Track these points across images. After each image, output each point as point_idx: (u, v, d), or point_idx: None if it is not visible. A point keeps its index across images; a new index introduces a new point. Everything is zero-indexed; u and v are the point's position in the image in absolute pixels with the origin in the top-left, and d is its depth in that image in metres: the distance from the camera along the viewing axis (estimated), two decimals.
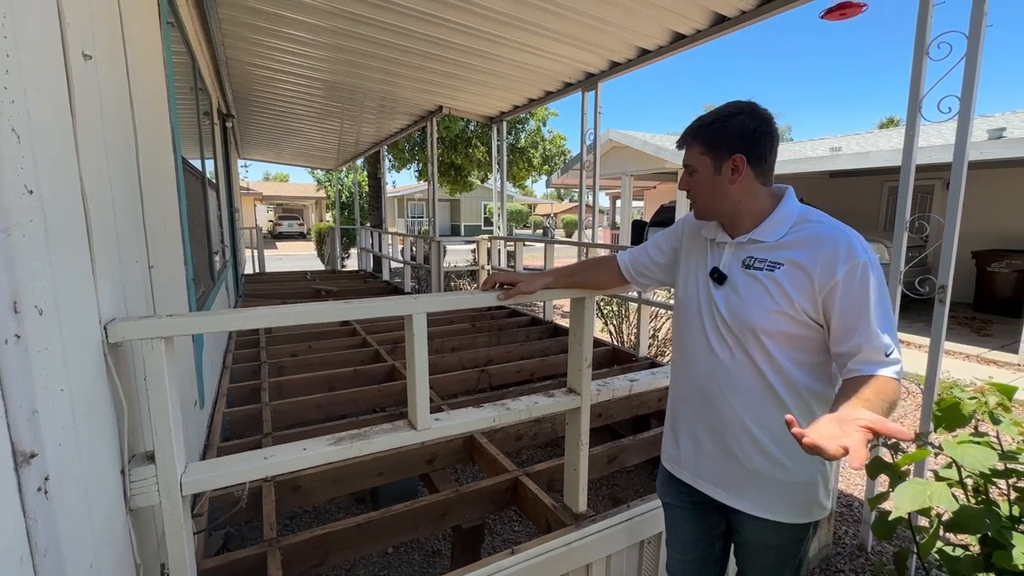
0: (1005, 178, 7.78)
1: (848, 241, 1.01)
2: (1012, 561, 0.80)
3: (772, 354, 1.07)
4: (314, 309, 1.27)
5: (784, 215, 1.10)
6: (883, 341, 0.97)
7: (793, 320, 1.04)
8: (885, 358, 0.96)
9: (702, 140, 1.13)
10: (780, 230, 1.09)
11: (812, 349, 1.07)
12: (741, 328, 1.10)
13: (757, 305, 1.07)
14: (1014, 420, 0.94)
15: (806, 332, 1.05)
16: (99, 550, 0.89)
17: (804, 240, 1.05)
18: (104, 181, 1.09)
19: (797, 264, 1.03)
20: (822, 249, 1.01)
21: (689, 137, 1.15)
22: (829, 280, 0.99)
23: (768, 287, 1.06)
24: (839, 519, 2.68)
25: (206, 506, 1.74)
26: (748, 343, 1.09)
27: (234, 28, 3.68)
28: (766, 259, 1.09)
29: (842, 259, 0.99)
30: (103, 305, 1.00)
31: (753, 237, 1.12)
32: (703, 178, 1.14)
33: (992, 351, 5.73)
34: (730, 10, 3.12)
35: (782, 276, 1.05)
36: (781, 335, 1.06)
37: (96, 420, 0.94)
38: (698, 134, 1.14)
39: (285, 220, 30.06)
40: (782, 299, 1.04)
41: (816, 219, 1.08)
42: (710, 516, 1.27)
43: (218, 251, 4.10)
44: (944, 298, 2.10)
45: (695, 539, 1.31)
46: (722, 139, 1.10)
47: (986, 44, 1.98)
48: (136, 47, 1.53)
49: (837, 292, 0.99)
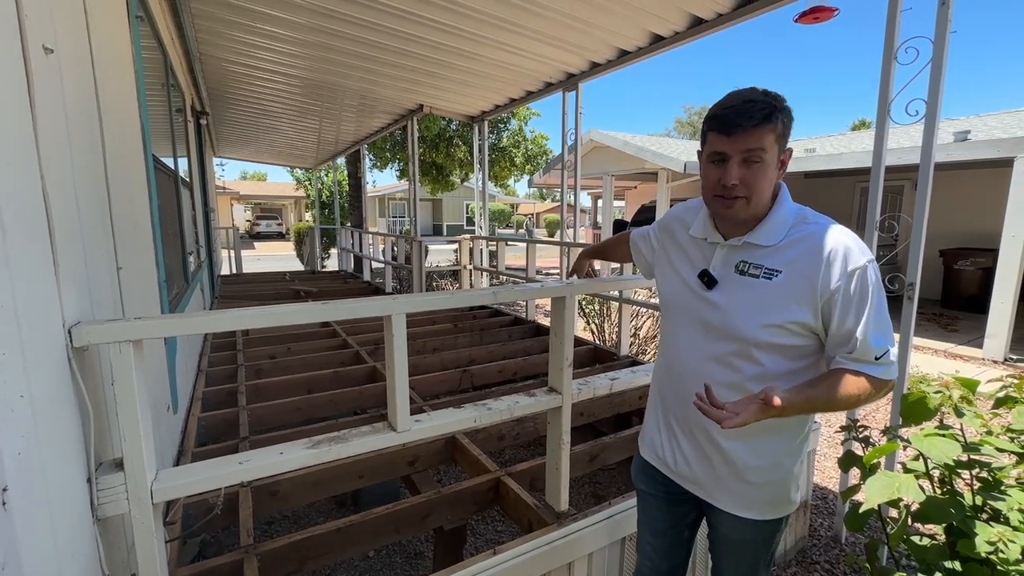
0: (970, 179, 8.07)
1: (848, 246, 0.97)
2: (975, 549, 0.83)
3: (761, 363, 1.03)
4: (290, 310, 1.25)
5: (783, 217, 1.03)
6: (877, 344, 0.96)
7: (788, 332, 1.00)
8: (874, 361, 0.96)
9: (781, 124, 0.97)
10: (778, 233, 1.03)
11: (803, 354, 1.04)
12: (730, 337, 1.05)
13: (750, 317, 1.02)
14: (976, 413, 0.97)
15: (800, 342, 1.02)
16: (63, 562, 0.86)
17: (804, 245, 1.00)
18: (68, 179, 1.05)
19: (798, 270, 0.98)
20: (823, 255, 0.96)
21: (765, 117, 0.96)
22: (831, 284, 0.96)
23: (765, 297, 1.01)
24: (815, 512, 2.75)
25: (180, 513, 1.69)
26: (735, 352, 1.05)
27: (208, 23, 3.59)
28: (763, 265, 1.02)
29: (844, 264, 0.95)
30: (67, 308, 0.96)
31: (750, 240, 1.05)
32: (770, 170, 0.99)
33: (959, 346, 5.94)
34: (707, 13, 3.17)
35: (781, 284, 1.00)
36: (773, 346, 1.02)
37: (60, 427, 0.91)
38: (778, 115, 0.96)
39: (263, 220, 29.54)
40: (779, 310, 0.99)
41: (813, 220, 1.04)
42: (682, 506, 1.29)
43: (192, 252, 4.00)
44: (912, 295, 2.16)
45: (666, 526, 1.33)
46: (790, 127, 1.00)
47: (954, 51, 2.05)
48: (103, 41, 1.48)
49: (838, 298, 0.96)
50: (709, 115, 1.04)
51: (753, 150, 0.97)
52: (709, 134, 1.04)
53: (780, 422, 1.07)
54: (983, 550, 0.83)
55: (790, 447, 1.12)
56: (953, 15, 2.02)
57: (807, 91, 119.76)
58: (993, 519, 0.94)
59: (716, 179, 1.02)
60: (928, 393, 1.01)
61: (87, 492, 1.01)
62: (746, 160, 0.98)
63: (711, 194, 1.05)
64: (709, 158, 1.04)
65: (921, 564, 0.97)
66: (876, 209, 2.28)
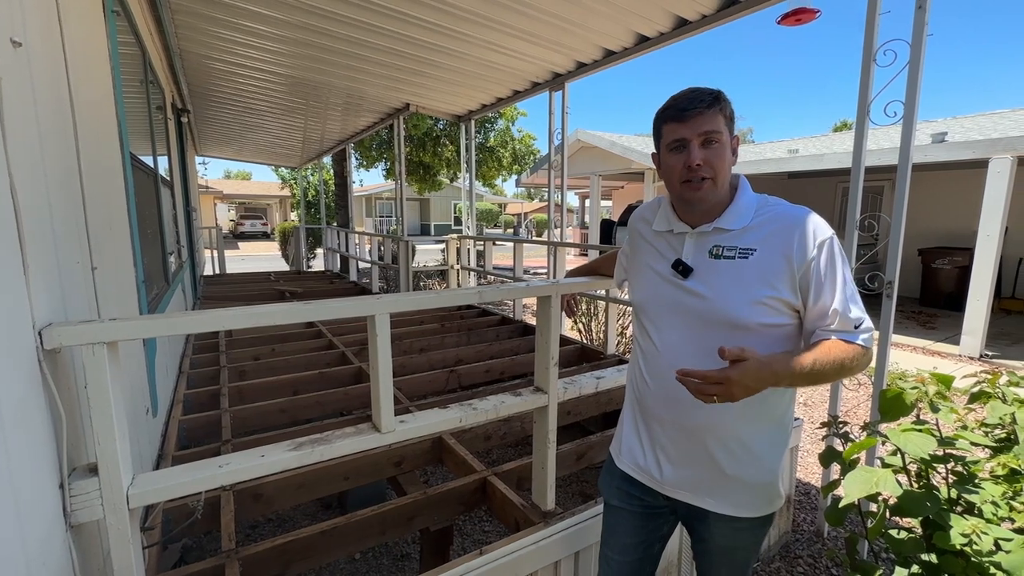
0: (948, 180, 8.26)
1: (814, 221, 1.03)
2: (950, 541, 0.85)
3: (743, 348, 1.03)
4: (272, 310, 1.23)
5: (747, 202, 1.09)
6: (854, 313, 0.99)
7: (771, 309, 1.02)
8: (855, 329, 0.99)
9: (726, 110, 1.06)
10: (746, 216, 1.07)
11: (784, 337, 1.05)
12: (714, 322, 1.05)
13: (736, 297, 1.03)
14: (951, 408, 0.99)
15: (782, 320, 1.03)
16: (34, 570, 0.84)
17: (773, 224, 1.04)
18: (38, 178, 1.02)
19: (773, 246, 1.02)
20: (794, 230, 1.01)
21: (714, 102, 1.04)
22: (806, 259, 1.00)
23: (744, 275, 1.03)
24: (798, 507, 2.79)
25: (159, 518, 1.66)
26: (719, 338, 1.02)
27: (188, 19, 3.52)
28: (736, 246, 1.05)
29: (814, 237, 1.00)
30: (37, 309, 0.94)
31: (719, 225, 1.08)
32: (726, 152, 1.06)
33: (937, 343, 6.08)
34: (691, 14, 3.20)
35: (758, 261, 1.02)
36: (757, 326, 1.03)
37: (29, 432, 0.88)
38: (720, 102, 1.05)
39: (248, 219, 29.13)
40: (760, 286, 1.01)
41: (776, 203, 1.09)
42: (658, 519, 1.25)
43: (173, 252, 3.92)
44: (891, 293, 2.20)
45: (637, 542, 1.27)
46: (734, 117, 1.08)
47: (934, 54, 2.10)
48: (76, 36, 1.45)
49: (813, 270, 1.00)
50: (660, 111, 1.11)
51: (710, 132, 1.03)
52: (664, 127, 1.09)
53: (764, 415, 1.09)
54: (958, 542, 0.85)
55: (775, 440, 1.13)
56: (930, 19, 2.06)
57: (790, 91, 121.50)
58: (967, 512, 0.96)
59: (681, 165, 1.06)
60: (905, 389, 1.03)
61: (59, 498, 0.98)
62: (705, 142, 1.04)
63: (678, 182, 1.08)
64: (669, 147, 1.09)
65: (898, 557, 0.99)
66: (856, 209, 2.32)
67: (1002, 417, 1.05)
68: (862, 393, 4.50)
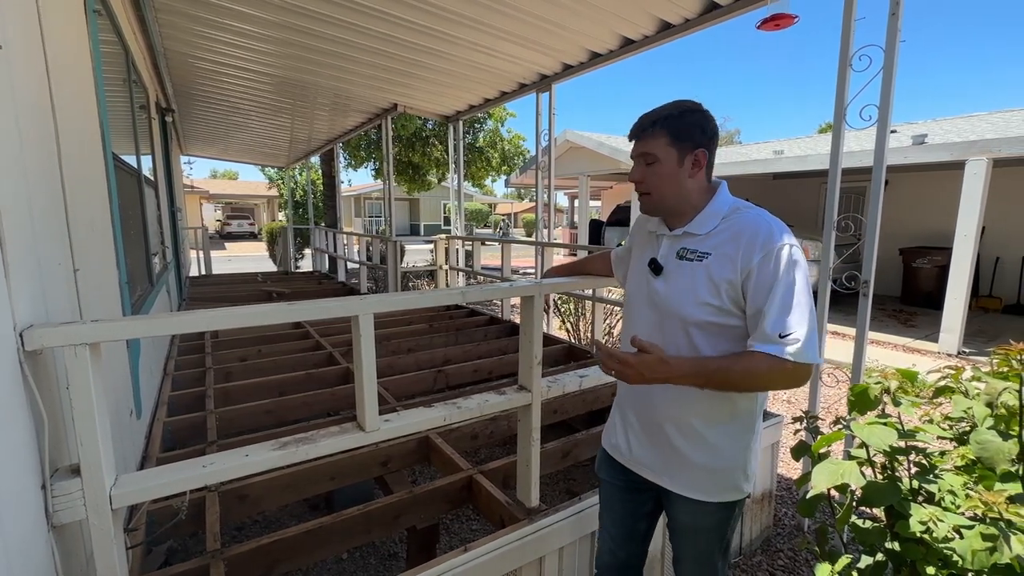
0: (928, 181, 8.44)
1: (769, 229, 1.07)
2: (910, 529, 0.89)
3: (696, 344, 1.13)
4: (257, 311, 1.24)
5: (716, 208, 1.16)
6: (782, 323, 1.00)
7: (718, 310, 1.10)
8: (778, 338, 1.00)
9: (669, 130, 1.13)
10: (712, 222, 1.15)
11: (735, 337, 1.11)
12: (671, 317, 1.16)
13: (685, 296, 1.13)
14: (913, 402, 1.03)
15: (730, 321, 1.10)
16: (15, 571, 0.84)
17: (730, 229, 1.11)
18: (18, 178, 1.02)
19: (723, 252, 1.09)
20: (744, 235, 1.08)
21: (652, 126, 1.14)
22: (748, 264, 1.05)
23: (697, 277, 1.12)
24: (779, 501, 2.84)
25: (143, 519, 1.65)
26: (676, 331, 1.15)
27: (172, 18, 3.49)
28: (697, 249, 1.14)
29: (761, 244, 1.05)
30: (18, 310, 0.94)
31: (688, 230, 1.17)
32: (665, 169, 1.15)
33: (916, 340, 6.21)
34: (675, 18, 3.25)
35: (709, 265, 1.10)
36: (707, 324, 1.12)
37: (10, 433, 0.88)
38: (664, 124, 1.14)
39: (234, 219, 28.80)
40: (709, 289, 1.10)
41: (745, 209, 1.15)
42: (641, 494, 1.36)
43: (157, 252, 3.89)
44: (867, 292, 2.26)
45: (623, 515, 1.41)
46: (688, 132, 1.13)
47: (913, 59, 2.17)
48: (57, 35, 1.44)
49: (753, 275, 1.05)
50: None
51: (645, 154, 1.17)
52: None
53: (722, 410, 1.15)
54: (916, 529, 0.89)
55: (735, 434, 1.18)
56: (903, 25, 2.13)
57: (775, 93, 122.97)
58: (928, 501, 1.00)
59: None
60: (870, 384, 1.07)
61: (41, 499, 0.99)
62: (645, 162, 1.17)
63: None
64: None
65: (864, 545, 1.03)
66: (834, 210, 2.38)
67: (965, 411, 1.09)
68: (842, 390, 4.59)
